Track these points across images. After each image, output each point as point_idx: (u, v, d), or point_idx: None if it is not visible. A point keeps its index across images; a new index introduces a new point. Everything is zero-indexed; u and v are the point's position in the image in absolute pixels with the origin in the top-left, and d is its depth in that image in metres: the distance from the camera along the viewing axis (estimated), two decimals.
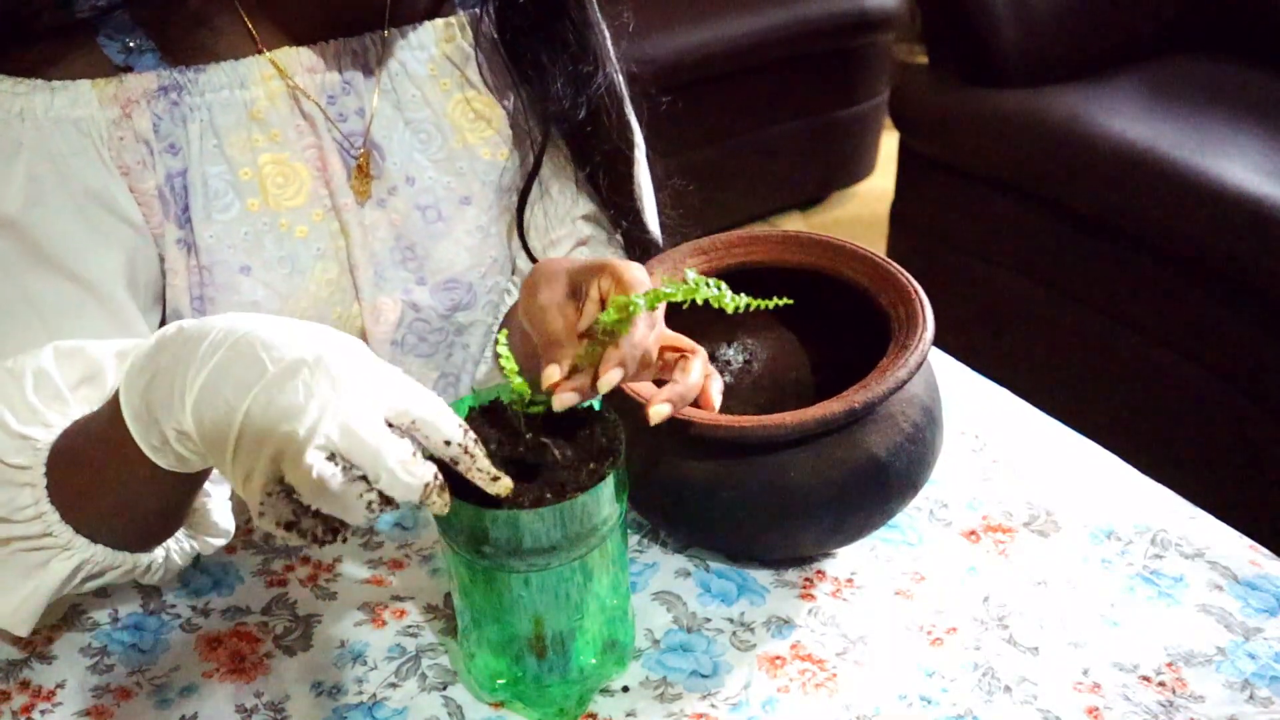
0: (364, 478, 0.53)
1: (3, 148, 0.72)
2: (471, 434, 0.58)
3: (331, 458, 0.52)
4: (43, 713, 0.73)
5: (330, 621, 0.79)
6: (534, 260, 0.94)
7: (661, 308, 0.64)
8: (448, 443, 0.56)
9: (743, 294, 0.61)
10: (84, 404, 0.68)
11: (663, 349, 0.67)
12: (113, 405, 0.61)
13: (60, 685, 0.75)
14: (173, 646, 0.77)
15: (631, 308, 0.60)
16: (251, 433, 0.53)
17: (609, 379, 0.61)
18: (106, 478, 0.65)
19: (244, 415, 0.53)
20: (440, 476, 0.56)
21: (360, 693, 0.74)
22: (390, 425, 0.54)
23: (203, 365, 0.55)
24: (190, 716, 0.72)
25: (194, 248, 0.79)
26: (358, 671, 0.75)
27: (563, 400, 0.62)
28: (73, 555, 0.67)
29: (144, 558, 0.71)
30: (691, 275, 0.61)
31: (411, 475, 0.54)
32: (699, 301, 0.61)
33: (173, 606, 0.80)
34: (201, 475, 0.66)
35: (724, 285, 0.61)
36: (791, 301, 0.88)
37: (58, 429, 0.67)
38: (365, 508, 0.53)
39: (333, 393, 0.53)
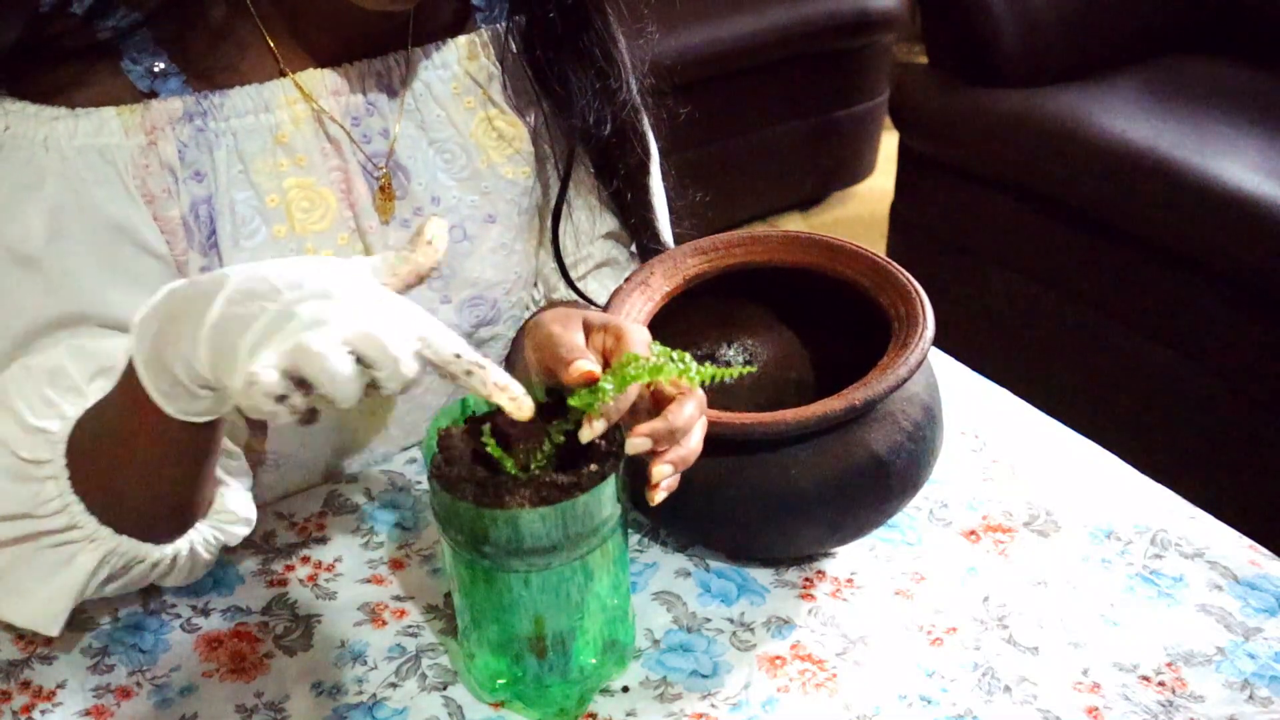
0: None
1: (27, 179, 0.71)
2: (474, 351, 0.59)
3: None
4: (43, 713, 0.73)
5: (330, 621, 0.79)
6: (568, 278, 0.94)
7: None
8: (457, 355, 0.57)
9: (708, 363, 0.66)
10: (100, 395, 0.68)
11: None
12: (126, 366, 0.61)
13: (60, 685, 0.75)
14: (173, 646, 0.77)
15: (600, 394, 0.63)
16: (269, 334, 0.53)
17: (634, 444, 0.65)
18: (123, 445, 0.65)
19: (265, 323, 0.53)
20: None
21: (360, 693, 0.74)
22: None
23: (215, 303, 0.55)
24: (190, 716, 0.73)
25: None
26: (358, 671, 0.75)
27: (594, 430, 0.64)
28: (98, 546, 0.67)
29: (168, 549, 0.70)
30: (656, 349, 0.65)
31: (411, 368, 0.55)
32: (664, 380, 0.65)
33: (173, 606, 0.80)
34: (212, 436, 0.66)
35: (688, 357, 0.64)
36: (753, 369, 0.90)
37: (73, 419, 0.67)
38: (362, 392, 0.54)
39: (351, 309, 0.54)
